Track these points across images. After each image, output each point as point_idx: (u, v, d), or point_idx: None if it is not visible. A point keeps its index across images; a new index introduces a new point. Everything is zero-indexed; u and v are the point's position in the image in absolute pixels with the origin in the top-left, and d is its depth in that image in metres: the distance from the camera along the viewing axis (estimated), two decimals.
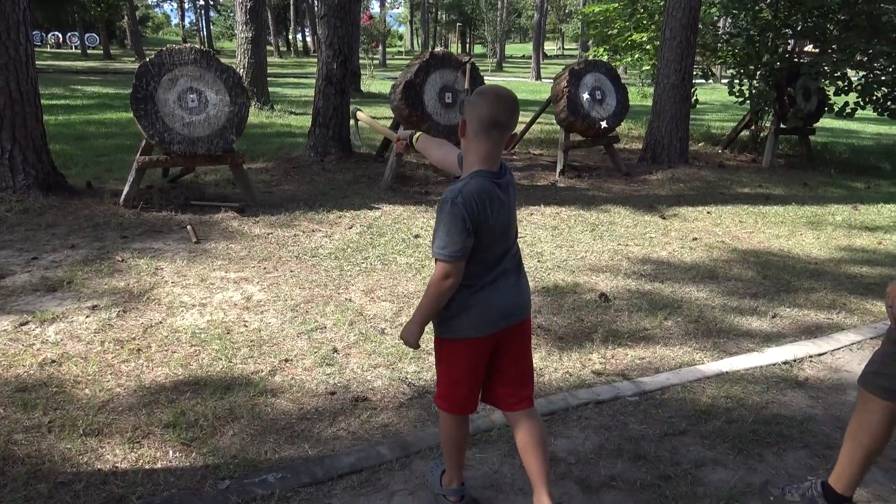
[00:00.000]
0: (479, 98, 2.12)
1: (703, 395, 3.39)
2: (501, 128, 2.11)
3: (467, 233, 2.05)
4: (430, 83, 7.51)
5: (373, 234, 5.85)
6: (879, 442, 2.31)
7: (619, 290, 4.82)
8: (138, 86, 5.98)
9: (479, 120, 2.10)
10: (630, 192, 8.25)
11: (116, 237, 5.43)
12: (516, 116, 2.15)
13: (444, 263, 2.07)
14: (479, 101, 2.11)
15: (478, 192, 2.07)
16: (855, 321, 4.47)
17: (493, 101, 2.10)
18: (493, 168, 2.15)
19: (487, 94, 2.14)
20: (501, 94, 2.13)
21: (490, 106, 2.09)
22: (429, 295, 2.14)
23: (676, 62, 9.68)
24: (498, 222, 2.13)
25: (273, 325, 3.99)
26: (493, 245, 2.17)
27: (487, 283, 2.18)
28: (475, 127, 2.11)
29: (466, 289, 2.16)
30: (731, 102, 13.82)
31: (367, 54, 31.35)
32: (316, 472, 2.65)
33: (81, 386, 3.22)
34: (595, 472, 2.73)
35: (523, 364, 2.37)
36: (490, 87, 2.17)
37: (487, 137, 2.11)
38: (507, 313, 2.23)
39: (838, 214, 7.43)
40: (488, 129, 2.10)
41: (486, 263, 2.18)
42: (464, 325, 2.20)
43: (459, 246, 2.05)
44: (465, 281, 2.14)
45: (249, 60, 13.27)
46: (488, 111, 2.09)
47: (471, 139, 2.14)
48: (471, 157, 2.16)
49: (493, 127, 2.10)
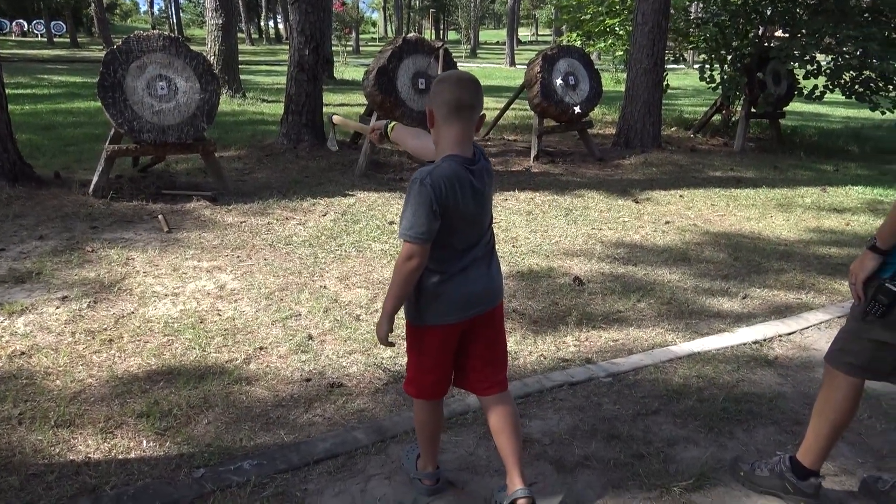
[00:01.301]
0: (441, 84, 2.12)
1: (675, 376, 3.43)
2: (469, 109, 2.10)
3: (433, 215, 2.03)
4: (403, 69, 7.47)
5: (347, 222, 5.83)
6: (845, 417, 2.36)
7: (593, 273, 4.86)
8: (106, 73, 5.88)
9: (445, 105, 2.08)
10: (603, 176, 8.30)
11: (86, 227, 5.36)
12: (481, 97, 2.14)
13: (408, 244, 2.05)
14: (442, 87, 2.11)
15: (448, 175, 2.06)
16: (823, 301, 4.55)
17: (455, 84, 2.10)
18: (467, 153, 2.13)
19: (448, 78, 2.14)
20: (463, 77, 2.14)
21: (453, 90, 2.09)
22: (394, 278, 2.12)
23: (649, 47, 9.73)
24: (469, 208, 2.11)
25: (247, 314, 3.97)
26: (463, 231, 2.15)
27: (458, 272, 2.17)
28: (443, 113, 2.10)
29: (437, 276, 2.16)
30: (702, 87, 13.93)
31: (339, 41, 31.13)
32: (292, 459, 2.65)
33: (52, 377, 3.18)
34: (569, 452, 2.76)
35: (496, 349, 2.37)
36: (449, 73, 2.19)
37: (457, 120, 2.09)
38: (477, 301, 2.23)
39: (807, 197, 7.54)
40: (456, 112, 2.08)
41: (457, 250, 2.17)
42: (434, 312, 2.20)
43: (425, 228, 2.03)
44: (435, 267, 2.14)
45: (220, 47, 13.11)
46: (452, 95, 2.08)
47: (440, 126, 2.12)
48: (442, 143, 2.14)
49: (461, 109, 2.08)
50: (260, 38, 54.14)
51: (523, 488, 2.27)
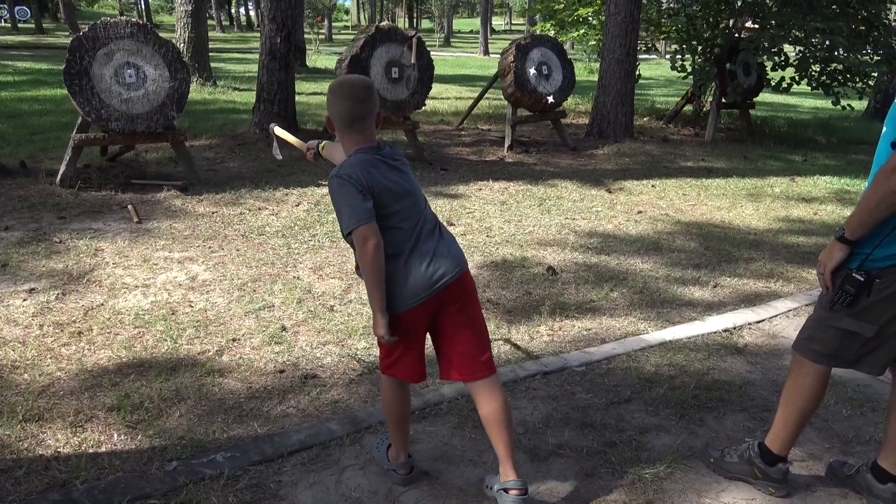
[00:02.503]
0: (333, 97, 2.21)
1: (648, 364, 3.47)
2: (362, 119, 2.21)
3: (363, 196, 2.10)
4: (376, 58, 7.43)
5: (320, 212, 5.80)
6: (812, 403, 2.40)
7: (567, 263, 4.88)
8: (72, 60, 5.76)
9: (341, 119, 2.21)
10: (577, 166, 8.34)
11: (53, 218, 5.26)
12: (372, 101, 2.22)
13: (357, 230, 2.09)
14: (334, 101, 2.21)
15: (356, 163, 2.16)
16: (791, 289, 4.63)
17: (347, 98, 2.19)
18: (369, 144, 2.23)
19: (339, 91, 2.22)
20: (354, 90, 2.21)
21: (345, 105, 2.19)
22: (365, 272, 2.13)
23: (621, 37, 9.77)
24: (393, 182, 2.18)
25: (220, 305, 3.94)
26: (401, 208, 2.20)
27: (412, 249, 2.19)
28: (340, 125, 2.23)
29: (394, 259, 2.17)
30: (674, 77, 14.05)
31: (312, 29, 30.82)
32: (266, 450, 2.64)
33: (20, 371, 3.13)
34: (543, 441, 2.79)
35: (474, 328, 2.32)
36: (340, 83, 2.24)
37: (353, 130, 2.22)
38: (441, 272, 2.21)
39: (777, 186, 7.65)
40: (351, 125, 2.21)
41: (403, 229, 2.20)
42: (401, 296, 2.19)
43: (361, 208, 2.09)
44: (390, 251, 2.16)
45: (190, 35, 12.91)
46: (345, 110, 2.19)
47: (342, 134, 2.25)
48: (346, 146, 2.26)
49: (354, 121, 2.21)
50: (231, 25, 53.39)
51: (516, 479, 2.26)
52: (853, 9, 10.38)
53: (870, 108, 15.07)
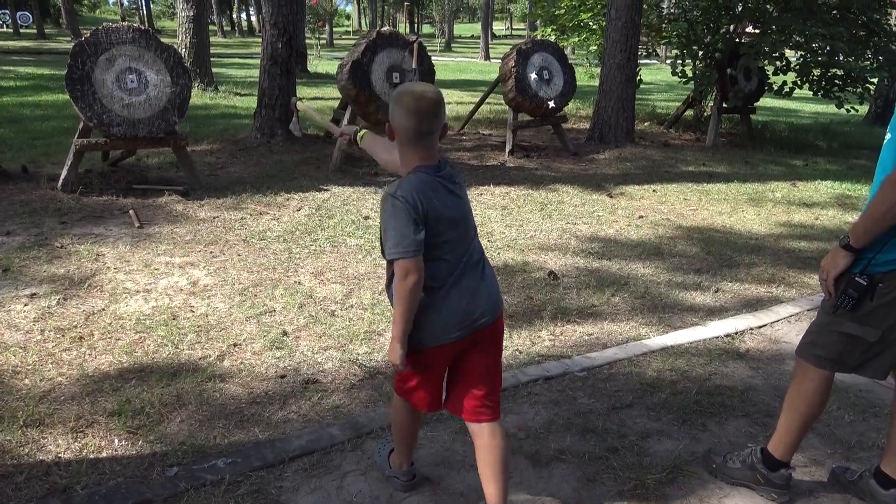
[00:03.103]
0: (402, 109, 2.01)
1: (649, 369, 3.47)
2: (430, 134, 2.04)
3: (416, 226, 1.94)
4: (377, 63, 7.43)
5: (322, 216, 5.80)
6: (815, 409, 2.40)
7: (568, 267, 4.88)
8: (74, 66, 5.77)
9: (406, 133, 2.03)
10: (578, 171, 8.34)
11: (55, 223, 5.26)
12: (442, 116, 2.06)
13: (400, 262, 1.94)
14: (403, 113, 2.01)
15: (417, 185, 1.99)
16: (793, 294, 4.62)
17: (415, 113, 2.00)
18: (432, 163, 2.06)
19: (407, 103, 2.01)
20: (422, 103, 2.01)
21: (414, 118, 2.00)
22: (397, 301, 2.00)
23: (622, 42, 9.78)
24: (449, 210, 2.03)
25: (221, 310, 3.93)
26: (451, 239, 2.05)
27: (452, 283, 2.06)
28: (404, 139, 2.04)
29: (434, 291, 2.04)
30: (675, 82, 14.05)
31: (313, 34, 30.88)
32: (267, 456, 2.63)
33: (21, 376, 3.13)
34: (545, 446, 2.78)
35: (491, 373, 2.21)
36: (412, 95, 2.02)
37: (419, 146, 2.05)
38: (479, 312, 2.10)
39: (778, 191, 7.65)
40: (418, 139, 2.03)
41: (449, 261, 2.06)
42: (432, 333, 2.07)
43: (411, 239, 1.93)
44: (431, 283, 2.03)
45: (191, 40, 12.93)
46: (414, 124, 2.01)
47: (404, 147, 2.07)
48: (407, 160, 2.09)
49: (422, 136, 2.03)
50: (232, 30, 53.54)
51: None
52: (853, 14, 10.40)
53: (871, 112, 15.09)
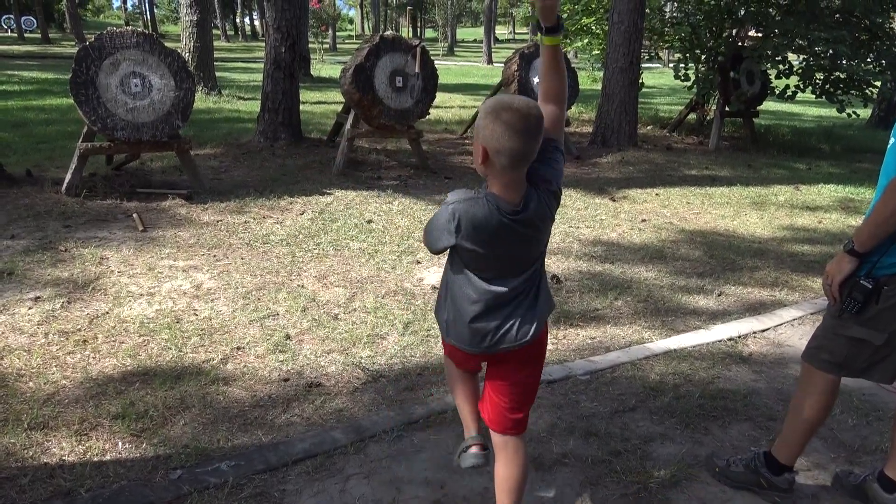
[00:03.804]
0: (503, 128, 1.75)
1: (652, 373, 3.46)
2: (528, 160, 1.83)
3: (448, 235, 1.89)
4: (380, 67, 7.45)
5: (325, 220, 5.81)
6: (821, 414, 2.39)
7: (571, 271, 4.88)
8: (78, 70, 5.79)
9: (507, 156, 1.77)
10: (581, 174, 8.34)
11: (59, 226, 5.27)
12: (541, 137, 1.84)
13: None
14: (503, 133, 1.76)
15: (471, 217, 1.86)
16: (796, 297, 4.62)
17: (523, 133, 1.76)
18: (513, 199, 1.85)
19: (513, 121, 1.75)
20: (530, 121, 1.77)
21: (519, 140, 1.76)
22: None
23: (624, 46, 9.79)
24: (497, 251, 1.90)
25: (224, 313, 3.94)
26: (494, 268, 1.95)
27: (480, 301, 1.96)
28: (502, 162, 1.79)
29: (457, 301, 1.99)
30: (678, 86, 14.06)
31: (316, 38, 30.95)
32: (270, 459, 2.64)
33: (25, 379, 3.13)
34: (548, 450, 2.78)
35: (520, 387, 2.11)
36: (516, 112, 1.76)
37: (515, 170, 1.82)
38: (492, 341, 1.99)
39: (781, 195, 7.64)
40: (516, 164, 1.81)
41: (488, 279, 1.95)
42: (453, 330, 2.05)
43: (438, 243, 1.93)
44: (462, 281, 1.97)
45: (195, 44, 12.96)
46: (517, 146, 1.76)
47: (495, 171, 1.83)
48: (491, 182, 1.88)
49: (521, 162, 1.81)
50: (235, 34, 53.69)
51: None
52: (856, 18, 10.40)
53: (874, 116, 15.08)
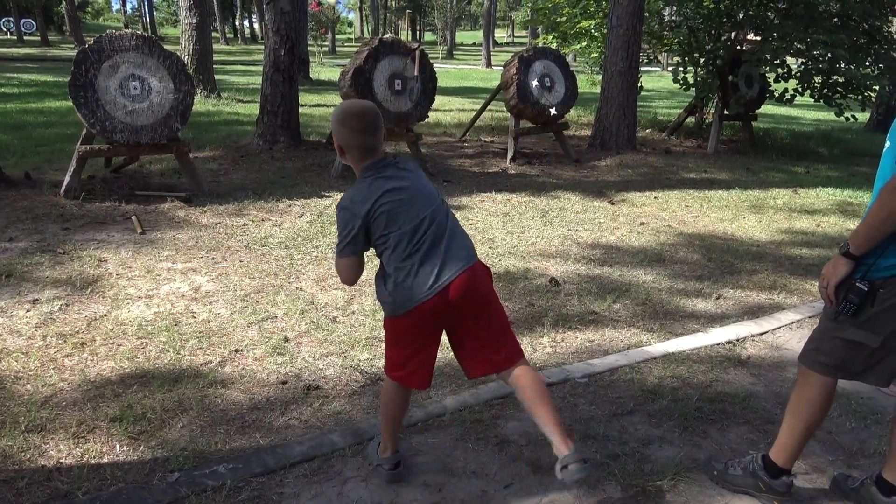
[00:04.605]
0: (345, 129, 2.27)
1: (651, 376, 3.46)
2: (375, 148, 2.30)
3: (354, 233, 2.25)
4: (379, 70, 7.46)
5: (323, 223, 5.81)
6: (818, 416, 2.39)
7: (569, 274, 4.88)
8: (77, 73, 5.80)
9: (355, 150, 2.29)
10: (579, 178, 8.35)
11: (58, 229, 5.27)
12: (381, 126, 2.31)
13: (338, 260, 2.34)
14: (347, 133, 2.27)
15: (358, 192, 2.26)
16: (795, 301, 4.62)
17: (359, 131, 2.26)
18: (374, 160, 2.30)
19: (352, 122, 2.26)
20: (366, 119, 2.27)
21: (359, 137, 2.26)
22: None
23: (623, 49, 9.80)
24: (394, 206, 2.24)
25: (222, 316, 3.94)
26: (404, 226, 2.25)
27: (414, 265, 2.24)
28: (354, 156, 2.30)
29: (396, 272, 2.25)
30: (676, 90, 14.08)
31: (315, 41, 30.97)
32: (268, 462, 2.63)
33: (23, 381, 3.13)
34: (546, 453, 2.76)
35: (493, 326, 2.38)
36: (352, 114, 2.28)
37: (365, 157, 2.30)
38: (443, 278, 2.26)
39: (779, 198, 7.65)
40: (365, 155, 2.30)
41: (407, 244, 2.25)
42: (400, 300, 2.26)
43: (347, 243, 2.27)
44: (395, 264, 2.26)
45: (194, 47, 12.97)
46: (358, 142, 2.27)
47: (353, 162, 2.33)
48: (356, 168, 2.34)
49: (369, 152, 2.29)
50: (235, 37, 53.71)
51: (570, 453, 2.20)
52: (854, 22, 10.42)
53: (872, 120, 15.09)
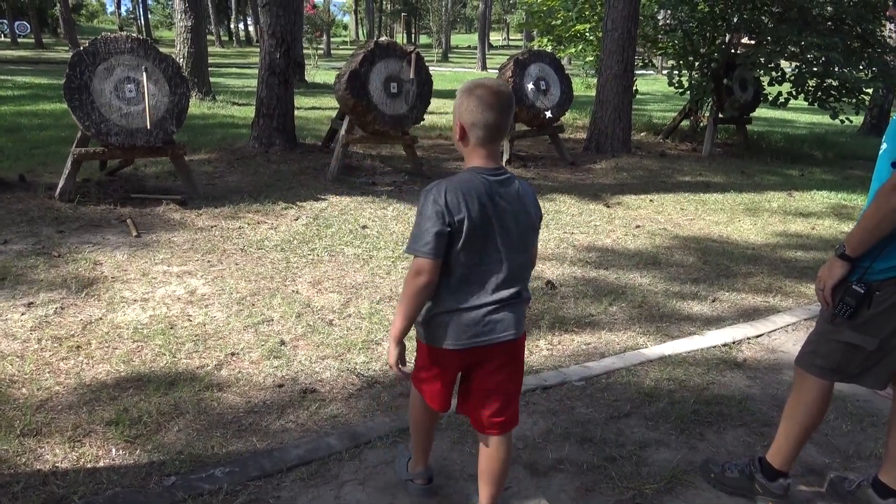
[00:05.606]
0: (480, 105, 1.94)
1: (647, 378, 3.47)
2: (503, 134, 2.01)
3: (440, 225, 1.90)
4: (375, 73, 7.46)
5: (319, 226, 5.80)
6: (815, 419, 2.40)
7: (566, 277, 4.89)
8: (72, 75, 5.78)
9: (485, 128, 1.95)
10: (575, 181, 8.36)
11: (52, 232, 5.26)
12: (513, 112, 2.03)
13: (416, 259, 1.94)
14: (479, 109, 1.94)
15: (457, 184, 1.94)
16: (790, 303, 4.63)
17: (497, 108, 1.94)
18: (491, 165, 2.00)
19: (487, 97, 1.94)
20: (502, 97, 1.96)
21: (494, 114, 1.94)
22: (403, 293, 1.99)
23: (618, 53, 9.83)
24: (486, 226, 1.95)
25: (218, 319, 3.93)
26: (484, 259, 1.99)
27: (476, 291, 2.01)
28: (479, 135, 1.96)
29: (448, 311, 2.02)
30: (671, 93, 14.11)
31: (311, 44, 30.96)
32: (264, 465, 2.62)
33: (18, 385, 3.12)
34: (543, 455, 2.77)
35: (504, 388, 2.15)
36: (486, 87, 1.96)
37: (492, 142, 1.99)
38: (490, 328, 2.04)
39: (774, 201, 7.67)
40: (492, 137, 1.97)
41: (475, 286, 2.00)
42: (435, 335, 2.07)
43: (429, 238, 1.91)
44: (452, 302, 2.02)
45: (189, 50, 12.96)
46: (493, 118, 1.94)
47: (473, 145, 2.00)
48: (470, 157, 2.03)
49: (497, 136, 1.98)
50: (230, 40, 53.66)
51: None
52: (848, 25, 10.47)
53: (866, 123, 15.17)
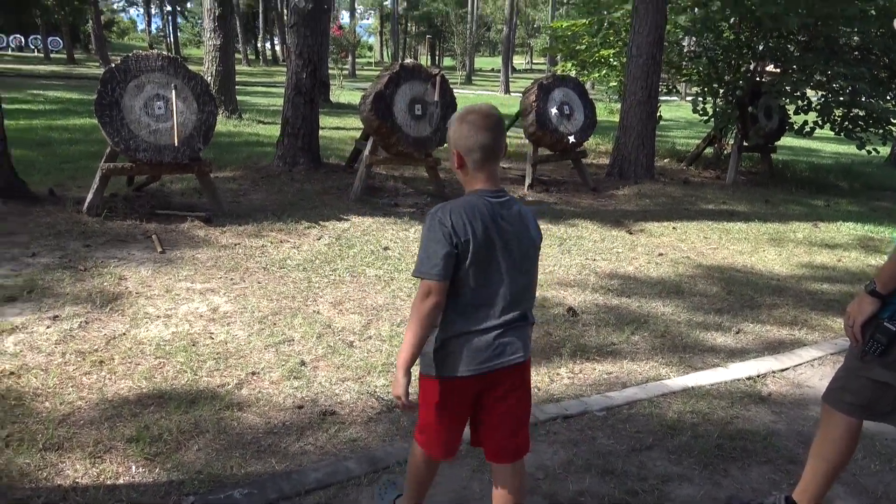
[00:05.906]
0: (472, 129, 2.01)
1: (670, 410, 3.42)
2: (499, 153, 2.06)
3: (448, 247, 1.93)
4: (400, 94, 7.51)
5: (342, 246, 5.82)
6: (843, 457, 2.35)
7: (587, 304, 4.85)
8: (103, 92, 5.88)
9: (479, 151, 2.01)
10: (597, 206, 8.33)
11: (79, 246, 5.32)
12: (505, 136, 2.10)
13: (424, 282, 1.95)
14: (472, 133, 2.01)
15: (461, 206, 1.98)
16: (816, 337, 4.56)
17: (486, 130, 2.00)
18: (491, 186, 2.05)
19: (476, 121, 2.01)
20: (489, 120, 2.02)
21: (485, 136, 2.00)
22: (411, 319, 1.98)
23: (643, 79, 9.83)
24: (491, 247, 1.99)
25: (240, 338, 3.94)
26: (488, 282, 2.00)
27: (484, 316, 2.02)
28: (476, 158, 2.02)
29: (459, 335, 2.03)
30: (695, 120, 14.06)
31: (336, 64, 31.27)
32: (283, 488, 2.61)
33: (41, 399, 3.14)
34: (563, 487, 2.74)
35: (513, 414, 2.15)
36: (473, 112, 2.03)
37: (488, 164, 2.04)
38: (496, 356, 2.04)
39: (799, 231, 7.59)
40: (488, 160, 2.03)
41: (483, 308, 2.02)
42: (447, 363, 2.05)
43: (438, 260, 1.93)
44: (462, 324, 2.02)
45: (217, 68, 13.14)
46: (486, 141, 2.00)
47: (472, 172, 2.05)
48: (470, 184, 2.08)
49: (491, 158, 2.03)
50: (256, 59, 54.39)
51: None
52: (875, 56, 10.41)
53: (893, 154, 14.99)
